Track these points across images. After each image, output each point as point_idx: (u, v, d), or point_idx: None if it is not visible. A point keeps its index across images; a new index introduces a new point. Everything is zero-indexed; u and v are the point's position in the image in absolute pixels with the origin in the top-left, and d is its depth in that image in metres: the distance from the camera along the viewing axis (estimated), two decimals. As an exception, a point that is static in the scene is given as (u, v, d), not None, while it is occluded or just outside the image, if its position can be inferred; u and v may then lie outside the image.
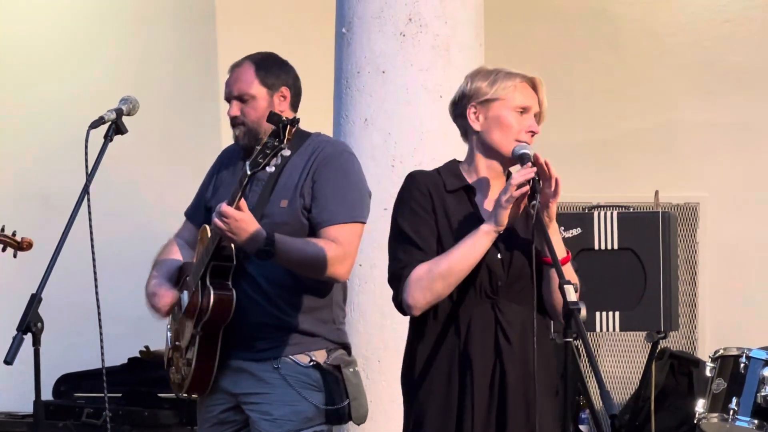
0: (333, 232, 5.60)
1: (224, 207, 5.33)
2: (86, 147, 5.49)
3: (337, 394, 5.68)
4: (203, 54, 9.51)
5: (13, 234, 6.02)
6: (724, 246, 8.55)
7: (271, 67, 5.81)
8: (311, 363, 5.69)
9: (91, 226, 5.46)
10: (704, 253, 8.57)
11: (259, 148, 5.31)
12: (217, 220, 5.35)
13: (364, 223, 5.74)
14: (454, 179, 5.06)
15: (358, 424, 5.86)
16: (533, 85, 5.07)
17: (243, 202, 5.36)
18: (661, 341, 7.80)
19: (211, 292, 5.54)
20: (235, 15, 9.48)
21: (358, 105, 6.85)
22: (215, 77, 9.49)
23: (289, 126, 5.19)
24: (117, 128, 5.66)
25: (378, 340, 6.94)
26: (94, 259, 5.58)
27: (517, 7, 8.55)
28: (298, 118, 5.31)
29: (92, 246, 5.53)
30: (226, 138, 9.29)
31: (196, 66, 9.51)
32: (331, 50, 6.93)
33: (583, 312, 4.65)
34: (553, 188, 4.82)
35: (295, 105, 5.81)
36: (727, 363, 6.96)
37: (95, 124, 5.62)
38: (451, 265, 4.89)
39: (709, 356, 7.12)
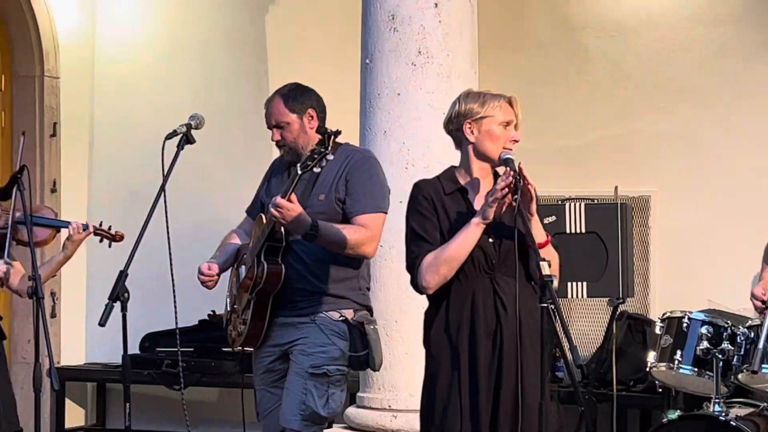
0: (362, 220, 5.75)
1: (279, 199, 5.48)
2: (163, 154, 5.54)
3: (359, 344, 5.74)
4: (256, 77, 9.52)
5: (109, 228, 6.04)
6: (670, 230, 8.52)
7: (297, 96, 5.96)
8: (341, 318, 5.79)
9: (166, 216, 5.49)
10: (654, 236, 8.56)
11: (308, 153, 5.46)
12: (272, 209, 5.46)
13: (386, 212, 5.87)
14: (450, 183, 5.24)
15: (374, 371, 5.96)
16: (511, 102, 5.20)
17: (293, 196, 5.49)
18: (620, 306, 7.84)
19: (265, 266, 5.66)
20: (282, 46, 9.49)
21: (379, 120, 6.85)
22: (265, 97, 9.39)
23: (333, 136, 5.41)
24: (187, 139, 5.71)
25: (395, 305, 6.93)
26: (169, 242, 5.65)
27: (505, 41, 8.53)
28: (340, 131, 5.50)
29: (168, 232, 5.60)
30: (274, 147, 9.27)
31: (250, 87, 9.49)
32: (357, 77, 6.84)
33: (555, 283, 4.83)
34: (529, 195, 4.95)
35: (323, 119, 5.92)
36: (673, 323, 6.92)
37: (170, 136, 5.67)
38: (451, 252, 5.08)
39: (659, 318, 7.09)
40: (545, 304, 4.77)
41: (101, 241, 6.03)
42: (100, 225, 5.98)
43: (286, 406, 5.77)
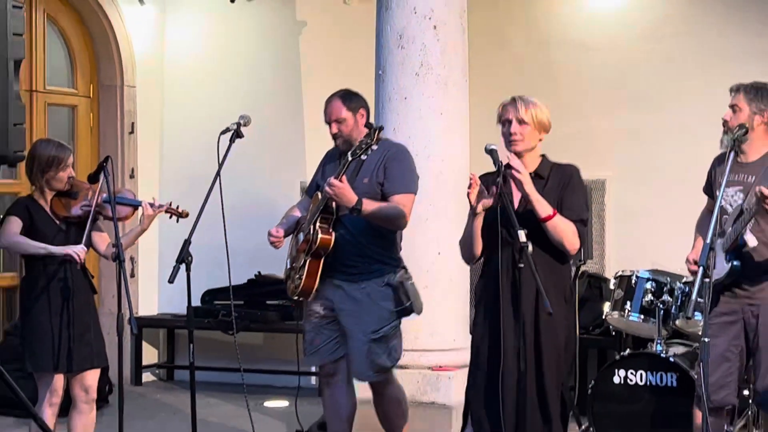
0: (398, 199, 5.82)
1: (332, 179, 5.59)
2: (218, 146, 5.55)
3: (403, 298, 5.82)
4: (291, 86, 9.54)
5: (177, 207, 5.99)
6: (621, 206, 8.53)
7: (351, 98, 5.96)
8: (384, 284, 5.84)
9: (221, 196, 5.44)
10: (608, 211, 8.56)
11: (357, 144, 5.60)
12: (327, 188, 5.60)
13: (415, 193, 5.94)
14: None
15: (418, 314, 5.93)
16: (510, 103, 5.16)
17: (344, 177, 5.60)
18: (581, 266, 7.75)
19: (319, 233, 5.74)
20: (311, 62, 9.48)
21: (390, 119, 6.81)
22: (300, 102, 9.44)
23: (378, 131, 5.59)
24: (237, 134, 5.71)
25: (428, 263, 6.86)
26: (223, 217, 5.61)
27: (489, 57, 8.53)
28: (383, 126, 5.78)
29: (222, 208, 5.54)
30: (308, 142, 9.33)
31: (286, 94, 9.54)
32: (372, 85, 6.87)
33: (530, 248, 4.76)
34: (518, 180, 4.95)
35: (368, 117, 5.98)
36: (624, 280, 6.95)
37: (224, 132, 5.70)
38: (462, 237, 5.26)
39: (613, 276, 7.10)
40: (521, 265, 4.82)
41: (170, 217, 6.04)
42: (170, 205, 6.00)
43: (358, 365, 5.88)
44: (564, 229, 4.98)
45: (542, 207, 4.95)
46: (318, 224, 5.75)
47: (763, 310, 5.48)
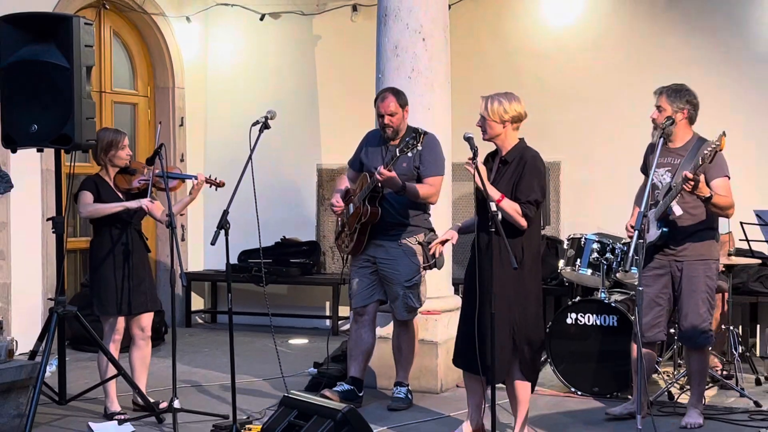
0: (430, 180, 5.97)
1: (383, 169, 5.67)
2: (250, 135, 5.50)
3: (430, 255, 5.83)
4: (308, 88, 9.49)
5: (216, 178, 5.98)
6: (573, 183, 8.52)
7: (401, 96, 6.03)
8: (416, 242, 6.00)
9: (252, 175, 5.42)
10: (563, 187, 8.55)
11: (405, 142, 5.67)
12: (378, 176, 5.69)
13: (443, 174, 6.09)
14: None
15: (439, 269, 6.03)
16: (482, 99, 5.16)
17: (391, 167, 5.71)
18: (541, 230, 7.77)
19: (369, 208, 5.93)
20: (325, 68, 9.46)
21: None
22: (316, 100, 9.42)
23: (423, 135, 5.69)
24: (266, 125, 5.64)
25: (440, 229, 6.55)
26: (255, 192, 5.65)
27: (467, 64, 8.48)
28: (427, 132, 5.84)
29: (254, 185, 5.57)
30: (322, 132, 9.30)
31: (305, 94, 9.52)
32: (373, 86, 6.81)
33: (500, 216, 4.80)
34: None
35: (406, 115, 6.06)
36: (575, 241, 6.93)
37: (254, 124, 5.63)
38: None
39: (566, 238, 7.07)
40: (492, 229, 4.81)
41: (210, 186, 6.04)
42: (209, 176, 6.01)
43: (398, 308, 6.04)
44: (508, 210, 4.90)
45: (491, 194, 4.86)
46: (367, 201, 5.91)
47: (686, 265, 5.54)
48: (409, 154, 5.77)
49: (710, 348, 5.87)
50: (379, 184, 5.84)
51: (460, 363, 5.20)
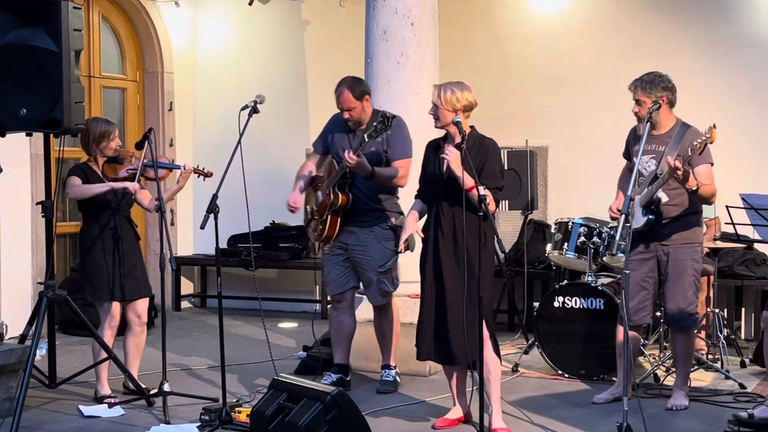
0: (398, 163, 5.89)
1: (352, 155, 5.60)
2: (239, 119, 5.48)
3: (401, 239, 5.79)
4: (297, 73, 9.49)
5: (203, 168, 5.97)
6: (560, 167, 8.55)
7: (356, 87, 5.92)
8: (388, 227, 5.95)
9: (242, 160, 5.38)
10: (551, 171, 8.55)
11: (373, 126, 5.61)
12: (347, 162, 5.62)
13: (411, 157, 5.92)
14: None
15: (412, 251, 5.73)
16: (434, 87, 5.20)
17: (360, 153, 5.66)
18: (528, 215, 7.82)
19: (339, 195, 5.86)
20: (314, 52, 9.42)
21: (376, 98, 6.64)
22: (305, 85, 9.40)
23: (392, 119, 5.63)
24: (255, 110, 5.63)
25: (406, 211, 6.59)
26: (243, 176, 5.59)
27: (456, 48, 8.44)
28: (396, 116, 5.76)
29: (243, 170, 5.50)
30: (311, 116, 9.29)
31: (294, 78, 9.50)
32: (362, 71, 6.80)
33: (488, 200, 4.81)
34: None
35: (371, 99, 6.02)
36: (562, 225, 6.93)
37: (243, 108, 5.61)
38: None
39: (553, 222, 7.08)
40: (480, 213, 4.80)
41: (198, 176, 6.03)
42: (197, 167, 5.99)
43: (372, 294, 6.03)
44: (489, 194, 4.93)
45: (465, 181, 4.89)
46: (337, 188, 5.85)
47: (672, 248, 5.57)
48: (378, 139, 5.73)
49: (696, 331, 5.90)
50: (348, 171, 5.79)
51: (434, 356, 5.16)
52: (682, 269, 5.55)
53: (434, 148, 5.22)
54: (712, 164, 5.46)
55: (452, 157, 4.89)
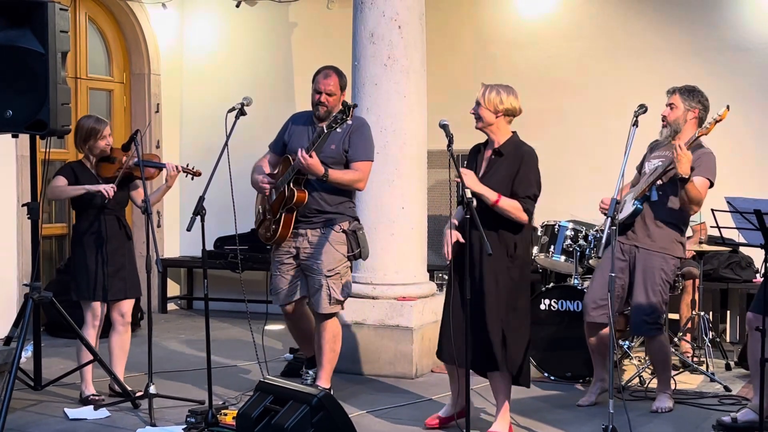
0: (357, 165, 5.65)
1: (304, 153, 5.39)
2: (226, 121, 5.41)
3: (354, 245, 5.67)
4: (284, 75, 9.46)
5: (193, 168, 5.95)
6: (547, 170, 8.20)
7: (343, 77, 5.74)
8: (341, 230, 5.66)
9: (228, 161, 5.36)
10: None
11: (333, 117, 5.35)
12: (300, 160, 5.39)
13: (372, 160, 5.73)
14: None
15: (364, 259, 5.82)
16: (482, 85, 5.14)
17: (314, 152, 5.42)
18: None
19: (295, 192, 5.56)
20: (301, 55, 9.42)
21: (364, 100, 6.70)
22: (291, 86, 9.39)
23: (352, 108, 5.34)
24: (241, 112, 5.59)
25: (394, 215, 6.69)
26: (230, 178, 5.50)
27: (443, 52, 8.46)
28: (357, 104, 5.64)
29: (229, 171, 5.46)
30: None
31: (280, 81, 9.48)
32: (349, 73, 6.78)
33: (474, 203, 4.74)
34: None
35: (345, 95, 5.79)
36: (549, 228, 6.95)
37: (230, 110, 5.56)
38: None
39: (540, 225, 7.08)
40: (467, 216, 4.76)
41: (186, 176, 6.00)
42: (186, 165, 5.97)
43: (318, 300, 5.68)
44: (508, 209, 4.89)
45: (487, 196, 4.86)
46: (292, 185, 5.58)
47: (644, 254, 5.65)
48: (338, 130, 5.48)
49: (682, 334, 5.91)
50: (303, 172, 5.54)
51: (447, 357, 5.16)
52: (649, 277, 5.56)
53: (476, 153, 5.16)
54: (712, 184, 5.50)
55: (468, 179, 4.79)
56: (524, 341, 5.07)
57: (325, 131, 5.40)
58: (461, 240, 4.89)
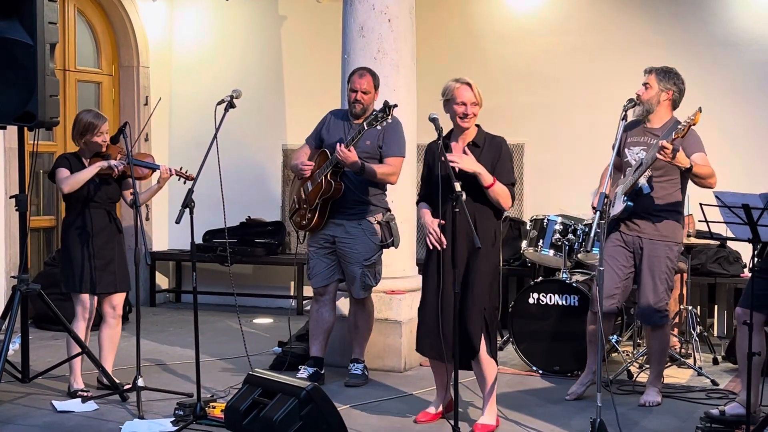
0: (390, 161, 5.96)
1: (343, 147, 5.68)
2: (215, 114, 5.45)
3: (387, 235, 6.00)
4: (274, 68, 9.43)
5: (186, 171, 5.92)
6: (535, 165, 8.55)
7: (377, 77, 6.06)
8: (375, 222, 5.99)
9: (218, 154, 5.38)
10: (526, 168, 8.53)
11: (373, 115, 5.66)
12: (338, 153, 5.68)
13: (404, 156, 6.05)
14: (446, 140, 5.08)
15: (396, 248, 6.07)
16: (465, 87, 5.10)
17: (352, 147, 5.71)
18: (504, 212, 7.79)
19: (332, 183, 5.89)
20: (291, 48, 9.40)
21: None
22: (281, 80, 9.37)
23: (392, 108, 5.64)
24: (231, 105, 5.61)
25: (405, 209, 6.71)
26: (219, 172, 5.55)
27: (433, 45, 8.47)
28: (397, 104, 5.73)
29: (219, 164, 5.50)
30: (287, 113, 9.26)
31: (270, 74, 9.45)
32: (339, 66, 6.79)
33: (464, 196, 4.78)
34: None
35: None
36: (538, 222, 6.97)
37: (220, 103, 5.60)
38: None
39: (529, 219, 7.10)
40: (457, 210, 4.80)
41: (179, 179, 5.97)
42: (180, 169, 5.95)
43: (354, 286, 6.04)
44: (500, 193, 5.02)
45: (485, 178, 4.96)
46: (329, 176, 5.87)
47: (648, 243, 5.62)
48: (378, 127, 5.75)
49: (674, 329, 5.93)
50: (342, 165, 5.82)
51: (427, 350, 5.19)
52: (655, 266, 5.59)
53: (436, 149, 5.12)
54: (705, 154, 5.54)
55: (466, 161, 4.95)
56: (497, 320, 5.21)
57: (366, 128, 5.68)
58: (441, 222, 5.02)
